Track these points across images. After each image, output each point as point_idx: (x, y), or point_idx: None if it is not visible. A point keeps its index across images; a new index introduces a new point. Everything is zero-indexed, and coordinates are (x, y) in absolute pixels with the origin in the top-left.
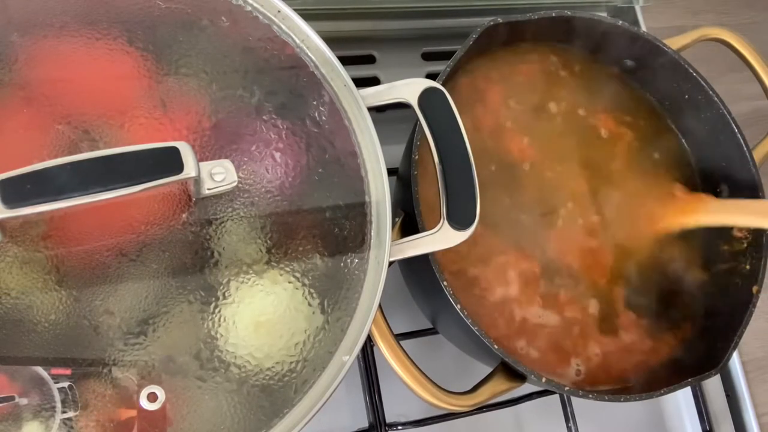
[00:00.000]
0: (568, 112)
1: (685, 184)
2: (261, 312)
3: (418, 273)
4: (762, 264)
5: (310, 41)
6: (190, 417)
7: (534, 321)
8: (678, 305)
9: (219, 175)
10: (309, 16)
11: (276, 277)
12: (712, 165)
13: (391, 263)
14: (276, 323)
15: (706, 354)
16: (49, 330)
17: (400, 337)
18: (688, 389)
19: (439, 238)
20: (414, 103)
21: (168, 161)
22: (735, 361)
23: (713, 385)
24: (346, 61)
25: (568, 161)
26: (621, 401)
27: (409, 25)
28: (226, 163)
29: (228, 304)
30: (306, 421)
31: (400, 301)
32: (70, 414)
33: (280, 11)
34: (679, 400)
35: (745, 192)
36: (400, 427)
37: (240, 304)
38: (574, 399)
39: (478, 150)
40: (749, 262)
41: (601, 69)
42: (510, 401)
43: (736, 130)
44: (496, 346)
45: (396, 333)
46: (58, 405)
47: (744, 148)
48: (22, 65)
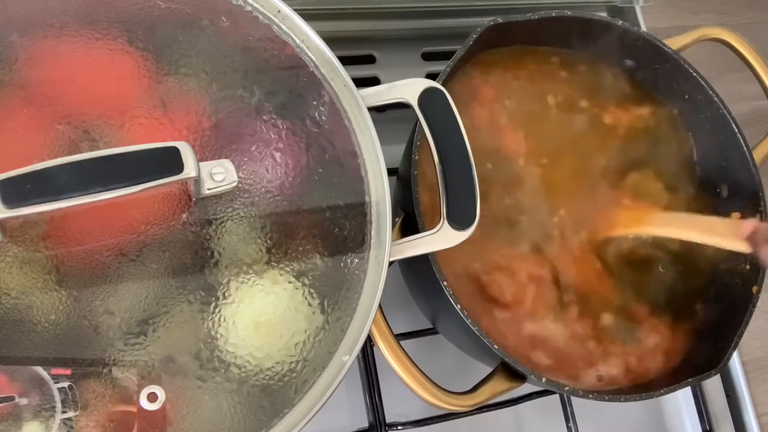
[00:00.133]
0: (568, 112)
1: (685, 183)
2: (261, 312)
3: (418, 273)
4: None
5: (310, 41)
6: (190, 417)
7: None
8: (678, 306)
9: (219, 175)
10: (309, 16)
11: (276, 277)
12: (712, 165)
13: (391, 263)
14: (276, 323)
15: (706, 354)
16: (49, 330)
17: (400, 337)
18: (688, 389)
19: (439, 238)
20: (414, 103)
21: (168, 161)
22: (735, 361)
23: (713, 385)
24: (346, 61)
25: (567, 161)
26: (621, 401)
27: (409, 25)
28: (226, 163)
29: (228, 304)
30: (306, 421)
31: (400, 301)
32: (70, 414)
33: (280, 11)
34: (679, 400)
35: (745, 192)
36: (400, 427)
37: (240, 304)
38: (574, 399)
39: (477, 149)
40: (749, 262)
41: (601, 69)
42: (510, 401)
43: (736, 130)
44: (496, 346)
45: (396, 333)
46: (58, 405)
47: (744, 148)
48: (22, 65)
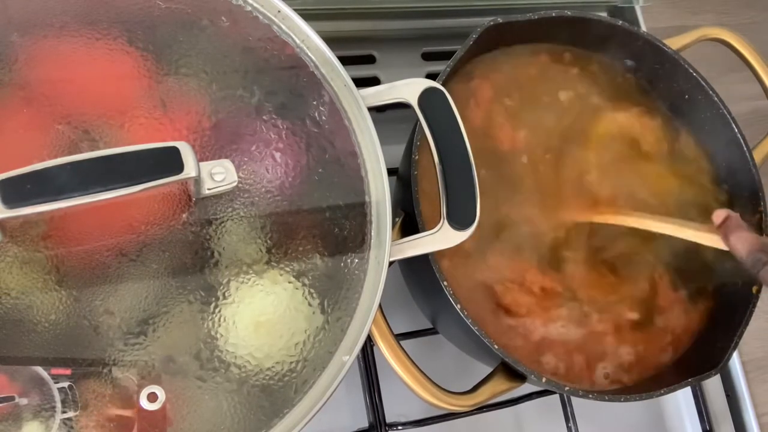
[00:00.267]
0: (569, 112)
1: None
2: (261, 312)
3: (418, 273)
4: None
5: (310, 41)
6: (190, 417)
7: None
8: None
9: (219, 175)
10: (309, 16)
11: (276, 277)
12: (711, 165)
13: (391, 263)
14: (276, 323)
15: (706, 354)
16: (49, 330)
17: (400, 337)
18: (688, 389)
19: (439, 238)
20: (414, 103)
21: (168, 161)
22: (735, 361)
23: (713, 385)
24: (346, 61)
25: (567, 161)
26: (621, 401)
27: (409, 25)
28: (226, 163)
29: (228, 304)
30: (306, 421)
31: (400, 301)
32: (70, 414)
33: (280, 11)
34: (679, 400)
35: (745, 192)
36: (400, 427)
37: (240, 304)
38: (574, 399)
39: (477, 149)
40: None
41: (601, 69)
42: (510, 401)
43: (736, 130)
44: (496, 346)
45: (396, 333)
46: (58, 405)
47: (744, 148)
48: (22, 65)
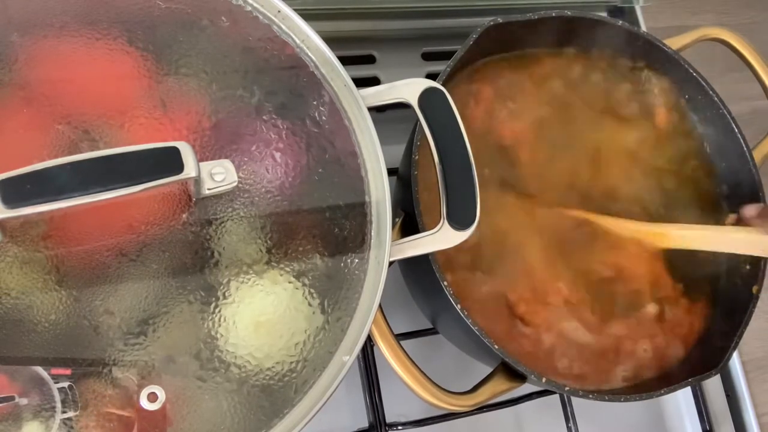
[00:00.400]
0: (569, 111)
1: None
2: (261, 312)
3: (418, 273)
4: (762, 264)
5: (310, 41)
6: (190, 417)
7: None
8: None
9: (219, 175)
10: (309, 16)
11: (276, 277)
12: (712, 165)
13: (391, 263)
14: (276, 323)
15: (706, 354)
16: (49, 330)
17: (400, 337)
18: (688, 389)
19: (439, 238)
20: (414, 103)
21: (168, 161)
22: (735, 361)
23: (713, 385)
24: (346, 61)
25: (568, 161)
26: (621, 401)
27: (409, 25)
28: (226, 163)
29: (228, 304)
30: (306, 421)
31: (400, 301)
32: (70, 414)
33: (280, 11)
34: (679, 400)
35: (745, 192)
36: (400, 427)
37: (240, 304)
38: (574, 399)
39: (477, 149)
40: (749, 262)
41: (601, 69)
42: (510, 401)
43: (736, 130)
44: (497, 346)
45: (396, 333)
46: (58, 405)
47: (744, 148)
48: (22, 65)
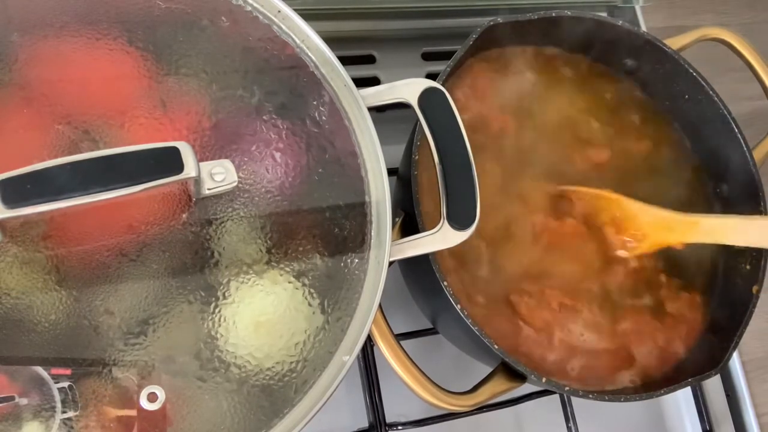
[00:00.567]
0: (569, 111)
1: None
2: (261, 312)
3: (418, 273)
4: (762, 264)
5: (310, 41)
6: (190, 417)
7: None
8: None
9: (219, 175)
10: (309, 16)
11: (276, 277)
12: (712, 165)
13: (391, 263)
14: (276, 323)
15: (706, 354)
16: (49, 330)
17: (400, 337)
18: (688, 389)
19: (439, 238)
20: (414, 103)
21: (168, 161)
22: (735, 361)
23: (713, 385)
24: (346, 61)
25: (566, 161)
26: (621, 401)
27: (409, 25)
28: (226, 163)
29: (228, 304)
30: (306, 421)
31: (400, 301)
32: (70, 414)
33: (280, 11)
34: (679, 400)
35: (745, 192)
36: (400, 427)
37: (240, 304)
38: (574, 399)
39: (477, 149)
40: (749, 262)
41: (601, 69)
42: (510, 401)
43: (736, 130)
44: (497, 346)
45: (396, 333)
46: (58, 405)
47: (744, 148)
48: (22, 65)
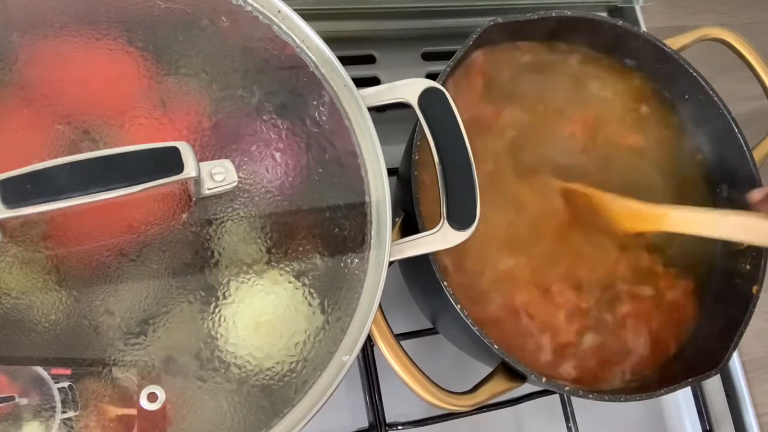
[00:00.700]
0: (569, 111)
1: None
2: (261, 312)
3: (418, 273)
4: (762, 264)
5: (310, 41)
6: (190, 417)
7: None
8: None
9: (219, 175)
10: (309, 16)
11: (276, 277)
12: (712, 165)
13: (391, 263)
14: (276, 323)
15: (706, 354)
16: (49, 330)
17: (400, 337)
18: (688, 389)
19: (439, 238)
20: (414, 103)
21: (168, 161)
22: (735, 361)
23: (713, 385)
24: (346, 61)
25: (569, 161)
26: (621, 401)
27: (409, 25)
28: (226, 163)
29: (228, 304)
30: (306, 421)
31: (400, 301)
32: (70, 414)
33: (280, 11)
34: (679, 400)
35: (745, 192)
36: (400, 427)
37: (240, 304)
38: (574, 399)
39: (477, 149)
40: (749, 262)
41: (600, 69)
42: (510, 401)
43: (736, 130)
44: (497, 346)
45: (396, 333)
46: (58, 405)
47: (744, 148)
48: (22, 65)
